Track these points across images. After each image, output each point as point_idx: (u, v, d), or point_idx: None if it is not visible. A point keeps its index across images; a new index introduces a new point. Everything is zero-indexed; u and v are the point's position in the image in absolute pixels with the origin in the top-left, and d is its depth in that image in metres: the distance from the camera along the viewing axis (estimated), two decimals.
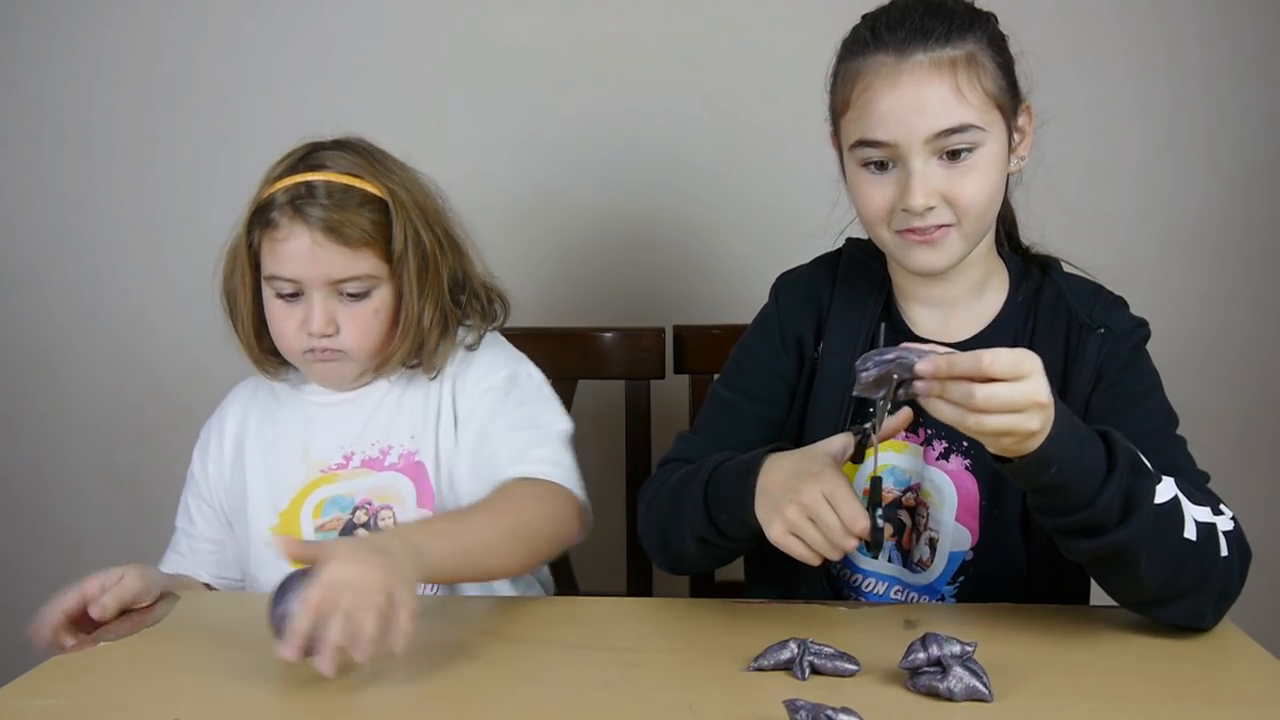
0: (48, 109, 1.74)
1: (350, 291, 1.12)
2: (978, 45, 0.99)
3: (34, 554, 1.84)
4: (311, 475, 1.18)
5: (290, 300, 1.13)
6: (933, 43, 0.98)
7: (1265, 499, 1.64)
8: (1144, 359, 1.07)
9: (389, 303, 1.15)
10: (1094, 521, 0.86)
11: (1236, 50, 1.61)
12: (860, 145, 1.02)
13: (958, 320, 1.10)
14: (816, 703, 0.75)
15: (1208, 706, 0.82)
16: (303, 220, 1.10)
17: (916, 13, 1.00)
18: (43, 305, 1.79)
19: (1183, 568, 0.89)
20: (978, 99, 0.98)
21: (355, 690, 0.86)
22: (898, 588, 1.13)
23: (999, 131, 1.01)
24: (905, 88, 0.98)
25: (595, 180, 1.68)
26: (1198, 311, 1.66)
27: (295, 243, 1.10)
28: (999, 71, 1.01)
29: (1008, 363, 0.80)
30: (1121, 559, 0.88)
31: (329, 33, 1.69)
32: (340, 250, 1.10)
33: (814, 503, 0.91)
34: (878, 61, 0.99)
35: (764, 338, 1.18)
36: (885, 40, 0.99)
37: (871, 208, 1.04)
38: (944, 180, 0.99)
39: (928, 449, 1.09)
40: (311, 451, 1.18)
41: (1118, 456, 0.86)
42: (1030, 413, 0.80)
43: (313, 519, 1.16)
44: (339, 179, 1.12)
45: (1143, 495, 0.87)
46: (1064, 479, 0.84)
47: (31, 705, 0.84)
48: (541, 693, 0.86)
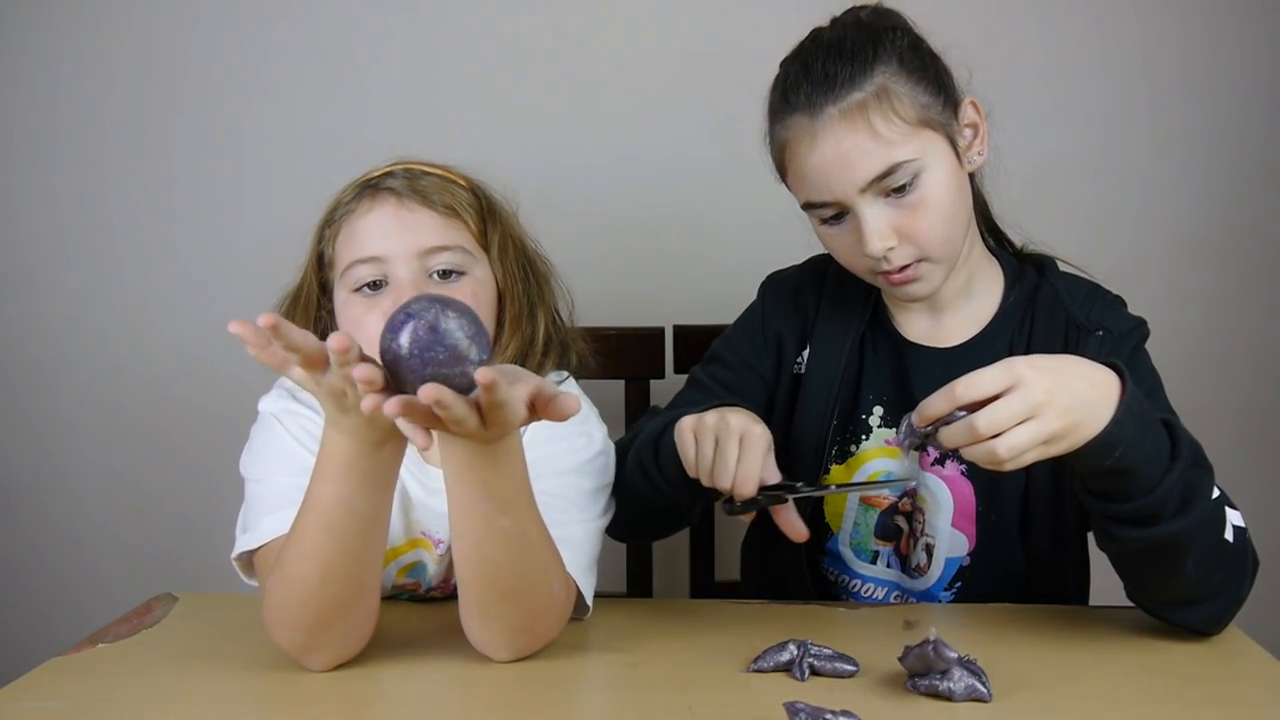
0: (48, 109, 1.74)
1: (441, 269, 1.00)
2: (886, 74, 0.97)
3: (34, 554, 1.84)
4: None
5: (371, 292, 1.00)
6: (839, 90, 0.96)
7: (1265, 499, 1.63)
8: (1144, 359, 1.07)
9: (488, 288, 1.04)
10: (1151, 510, 0.85)
11: (1236, 50, 1.61)
12: (808, 207, 1.02)
13: (950, 324, 1.10)
14: (816, 705, 0.75)
15: (1208, 707, 0.81)
16: (385, 192, 1.01)
17: (819, 63, 0.98)
18: (43, 305, 1.79)
19: (1217, 569, 0.89)
20: (899, 132, 0.96)
21: (354, 690, 0.87)
22: (896, 593, 1.13)
23: (937, 148, 0.99)
24: (824, 145, 0.97)
25: (595, 180, 1.68)
26: (1197, 311, 1.66)
27: (378, 213, 1.00)
28: (917, 89, 0.98)
29: (987, 382, 0.80)
30: (1169, 552, 0.87)
31: (329, 33, 1.69)
32: (429, 215, 1.00)
33: (728, 435, 0.89)
34: (795, 123, 0.99)
35: (746, 335, 1.18)
36: (794, 101, 0.99)
37: (842, 256, 1.04)
38: (896, 219, 0.98)
39: (923, 455, 1.09)
40: None
41: (1181, 445, 0.86)
42: (1043, 415, 0.79)
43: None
44: (418, 165, 1.05)
45: (1200, 489, 0.86)
46: (1129, 463, 0.83)
47: (31, 706, 0.84)
48: (541, 693, 0.86)
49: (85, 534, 1.83)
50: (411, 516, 1.07)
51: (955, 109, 1.01)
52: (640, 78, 1.66)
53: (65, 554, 1.84)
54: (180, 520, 1.78)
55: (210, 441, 1.73)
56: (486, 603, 0.89)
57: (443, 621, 0.99)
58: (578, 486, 1.02)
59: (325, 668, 0.90)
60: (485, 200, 1.07)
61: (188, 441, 1.78)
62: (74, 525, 1.83)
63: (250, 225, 1.72)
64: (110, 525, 1.83)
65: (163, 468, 1.80)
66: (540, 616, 0.91)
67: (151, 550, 1.82)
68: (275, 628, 0.88)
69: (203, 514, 1.73)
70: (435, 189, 1.02)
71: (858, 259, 1.02)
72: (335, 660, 0.90)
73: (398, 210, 1.00)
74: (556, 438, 1.03)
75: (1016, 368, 0.80)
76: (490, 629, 0.90)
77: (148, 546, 1.82)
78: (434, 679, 0.89)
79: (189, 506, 1.78)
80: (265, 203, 1.72)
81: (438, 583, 1.09)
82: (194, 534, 1.78)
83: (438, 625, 0.99)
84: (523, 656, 0.91)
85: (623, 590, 1.45)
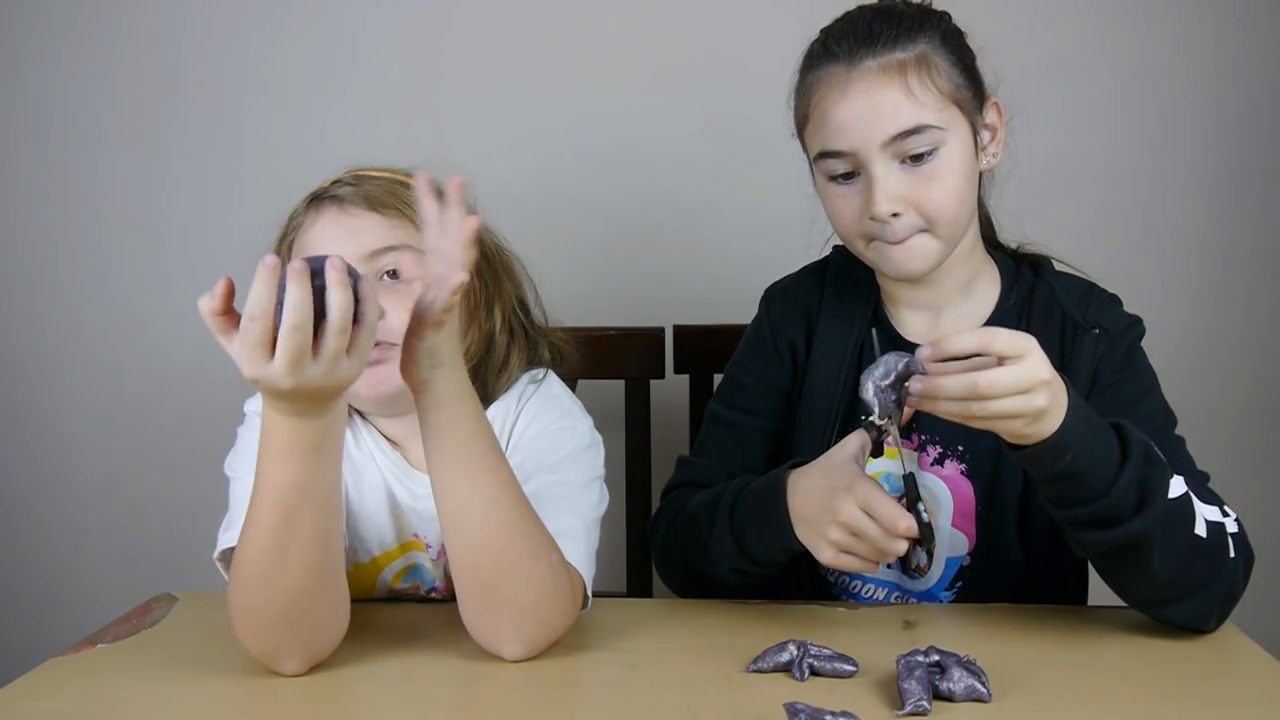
0: (48, 109, 1.74)
1: (390, 269, 1.00)
2: (929, 45, 0.99)
3: (34, 554, 1.84)
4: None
5: None
6: (881, 47, 0.98)
7: (1264, 498, 1.63)
8: (1140, 357, 1.07)
9: None
10: (1109, 512, 0.85)
11: (1238, 50, 1.61)
12: (822, 157, 1.02)
13: (947, 323, 1.10)
14: (816, 706, 0.76)
15: (1207, 707, 0.81)
16: (328, 201, 1.01)
17: (865, 20, 1.01)
18: (43, 305, 1.79)
19: (1192, 565, 0.89)
20: (932, 99, 0.98)
21: (354, 690, 0.87)
22: (896, 594, 1.13)
23: (960, 129, 1.00)
24: (856, 94, 0.98)
25: (595, 180, 1.68)
26: (1199, 311, 1.65)
27: (322, 223, 1.01)
28: (954, 69, 1.00)
29: (1006, 340, 0.80)
30: (1135, 552, 0.88)
31: (329, 33, 1.69)
32: (374, 218, 1.00)
33: (853, 518, 0.89)
34: (829, 72, 1.00)
35: (758, 351, 1.18)
36: (835, 51, 1.00)
37: (843, 219, 1.04)
38: (908, 186, 0.99)
39: (922, 455, 1.09)
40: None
41: (1131, 446, 0.86)
42: (1036, 391, 0.80)
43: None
44: (367, 171, 1.04)
45: (1156, 486, 0.87)
46: (1079, 466, 0.84)
47: (31, 706, 0.84)
48: (541, 693, 0.86)
49: (85, 534, 1.83)
50: (401, 522, 1.07)
51: (982, 104, 1.03)
52: (640, 78, 1.66)
53: (65, 554, 1.84)
54: (180, 520, 1.78)
55: (209, 442, 1.71)
56: (492, 584, 0.88)
57: (442, 621, 0.99)
58: (568, 481, 1.02)
59: (300, 670, 0.89)
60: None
61: (187, 441, 1.78)
62: (74, 525, 1.83)
63: (249, 225, 1.70)
64: (110, 525, 1.83)
65: (163, 468, 1.80)
66: (546, 597, 0.90)
67: (151, 550, 1.82)
68: (245, 637, 0.88)
69: (203, 514, 1.72)
70: (379, 191, 1.01)
71: (857, 223, 1.02)
72: (309, 661, 0.89)
73: (339, 216, 1.00)
74: (542, 435, 1.05)
75: (1033, 341, 0.81)
76: (497, 615, 0.89)
77: (148, 546, 1.82)
78: (433, 678, 0.89)
79: (189, 506, 1.77)
80: (264, 202, 1.69)
81: (437, 585, 1.10)
82: (194, 534, 1.76)
83: (437, 625, 0.99)
84: (534, 652, 0.91)
85: (623, 590, 1.45)
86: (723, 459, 1.15)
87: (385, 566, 1.08)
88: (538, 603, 0.90)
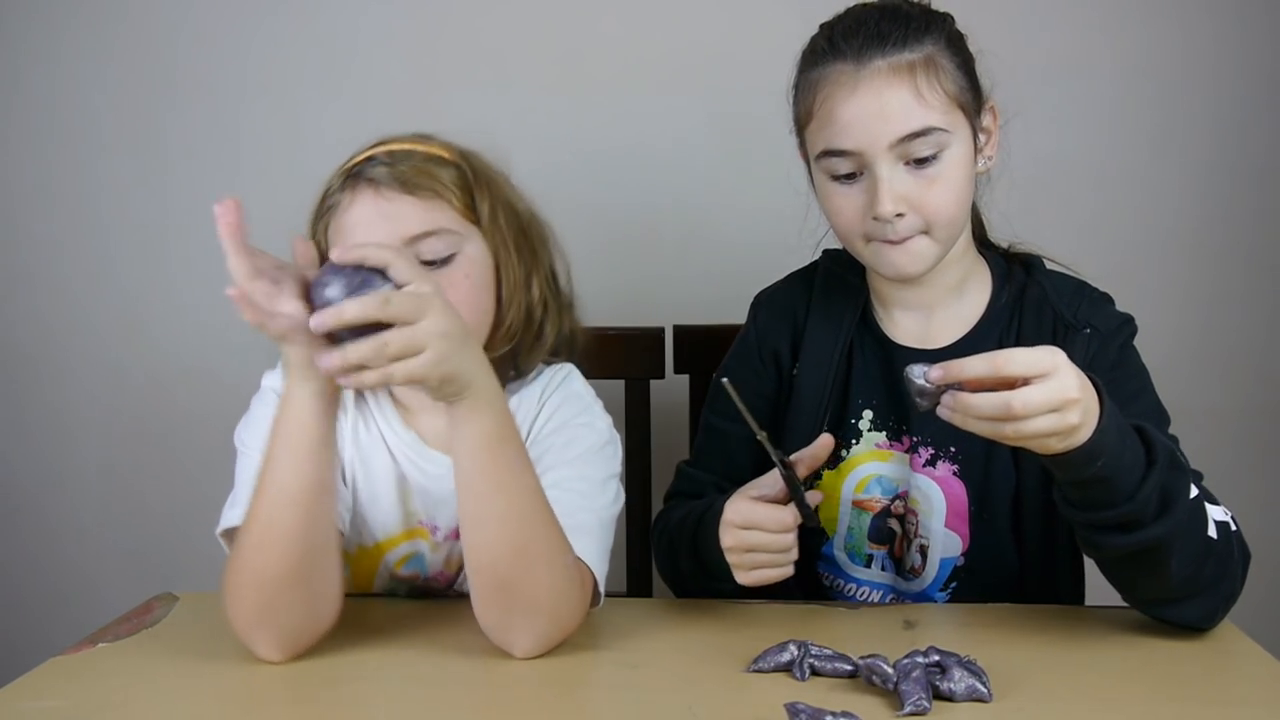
0: (48, 109, 1.74)
1: (429, 258, 0.97)
2: (936, 47, 0.99)
3: (34, 554, 1.84)
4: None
5: None
6: (890, 47, 0.97)
7: (1262, 498, 1.64)
8: (1133, 356, 1.07)
9: (481, 264, 1.01)
10: (1132, 516, 0.85)
11: (1236, 50, 1.61)
12: (826, 156, 1.01)
13: (938, 324, 1.10)
14: (817, 706, 0.76)
15: (1207, 707, 0.81)
16: (364, 183, 0.99)
17: (872, 19, 1.00)
18: (43, 305, 1.79)
19: (1204, 566, 0.89)
20: (939, 100, 0.98)
21: (354, 689, 0.87)
22: (892, 596, 1.13)
23: (964, 132, 1.00)
24: (865, 94, 0.97)
25: (595, 181, 1.68)
26: (1197, 311, 1.65)
27: (358, 207, 0.99)
28: (959, 72, 1.00)
29: (1026, 360, 0.80)
30: (1153, 556, 0.87)
31: (328, 33, 1.69)
32: (411, 201, 0.98)
33: (739, 541, 0.94)
34: (836, 70, 0.99)
35: (744, 361, 1.19)
36: (842, 48, 0.99)
37: (842, 219, 1.03)
38: (912, 187, 0.98)
39: (914, 456, 1.09)
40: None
41: (1156, 451, 0.86)
42: (1068, 410, 0.80)
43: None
44: (399, 145, 1.02)
45: (1179, 491, 0.86)
46: (1109, 472, 0.84)
47: (31, 706, 0.84)
48: (542, 692, 0.86)
49: (87, 533, 1.83)
50: (409, 506, 1.07)
51: (980, 108, 1.04)
52: (640, 78, 1.66)
53: (65, 554, 1.84)
54: (182, 520, 1.78)
55: (210, 441, 1.72)
56: (509, 582, 0.88)
57: (443, 619, 0.99)
58: (585, 476, 1.01)
59: (277, 657, 0.91)
60: (471, 170, 1.04)
61: (188, 441, 1.78)
62: (74, 525, 1.83)
63: (250, 224, 1.72)
64: (110, 525, 1.83)
65: (163, 468, 1.80)
66: (560, 596, 0.90)
67: (151, 550, 1.82)
68: (232, 600, 0.90)
69: (203, 514, 1.71)
70: (415, 172, 0.99)
71: (858, 223, 1.02)
72: (287, 649, 0.91)
73: (376, 201, 0.98)
74: (561, 429, 1.05)
75: (1059, 355, 0.80)
76: (512, 612, 0.90)
77: (148, 546, 1.82)
78: (434, 678, 0.89)
79: (189, 506, 1.77)
80: (265, 201, 1.69)
81: (435, 571, 1.10)
82: (194, 534, 1.77)
83: (438, 623, 0.99)
84: (544, 649, 0.91)
85: (623, 590, 1.45)
86: (712, 468, 1.16)
87: (388, 551, 1.08)
88: (552, 602, 0.90)
